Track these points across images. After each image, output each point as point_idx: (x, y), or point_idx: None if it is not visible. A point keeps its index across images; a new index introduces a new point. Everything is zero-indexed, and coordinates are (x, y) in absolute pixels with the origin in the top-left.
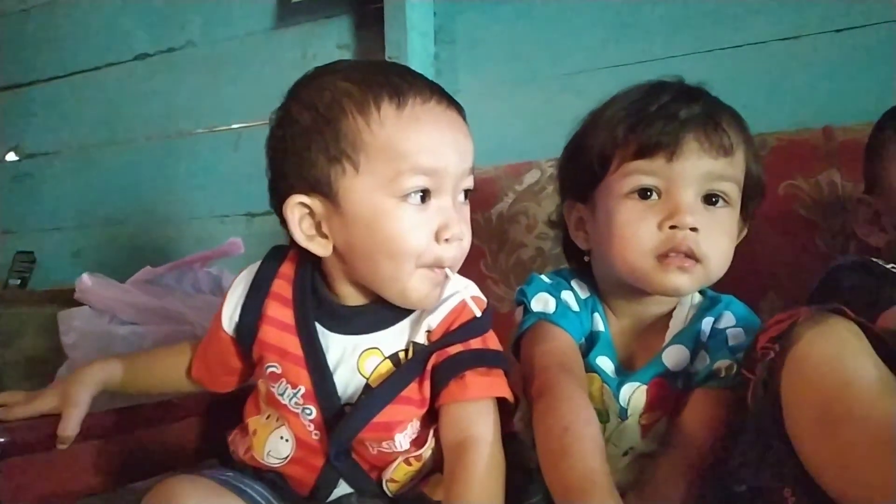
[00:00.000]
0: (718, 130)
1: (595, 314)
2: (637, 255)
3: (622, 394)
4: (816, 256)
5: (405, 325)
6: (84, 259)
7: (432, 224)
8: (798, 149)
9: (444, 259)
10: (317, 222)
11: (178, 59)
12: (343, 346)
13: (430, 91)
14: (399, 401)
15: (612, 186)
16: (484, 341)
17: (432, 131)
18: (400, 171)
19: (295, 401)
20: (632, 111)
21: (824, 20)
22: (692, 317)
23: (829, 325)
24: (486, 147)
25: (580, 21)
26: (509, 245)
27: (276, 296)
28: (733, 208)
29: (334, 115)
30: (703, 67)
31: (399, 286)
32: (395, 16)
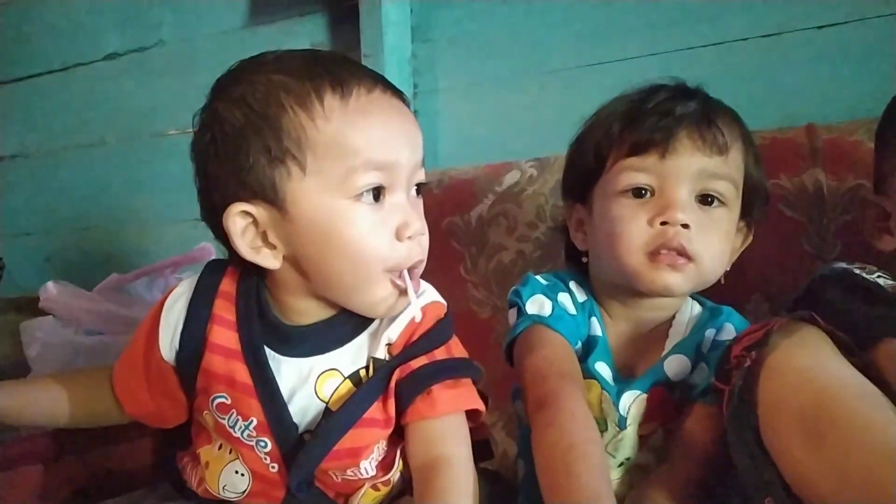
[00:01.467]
0: (712, 128)
1: (592, 318)
2: (627, 252)
3: (622, 402)
4: (801, 257)
5: (363, 340)
6: (54, 265)
7: (390, 223)
8: (781, 147)
9: (409, 258)
10: (262, 232)
11: (149, 59)
12: (298, 371)
13: (373, 80)
14: (363, 423)
15: (606, 185)
16: (448, 349)
17: (382, 123)
18: (351, 169)
19: (247, 433)
20: (627, 109)
21: (806, 16)
22: (693, 327)
23: (803, 333)
24: (465, 147)
25: (560, 18)
26: (489, 248)
27: (219, 319)
28: (730, 209)
29: (272, 111)
30: (684, 65)
31: (364, 295)
32: (371, 13)
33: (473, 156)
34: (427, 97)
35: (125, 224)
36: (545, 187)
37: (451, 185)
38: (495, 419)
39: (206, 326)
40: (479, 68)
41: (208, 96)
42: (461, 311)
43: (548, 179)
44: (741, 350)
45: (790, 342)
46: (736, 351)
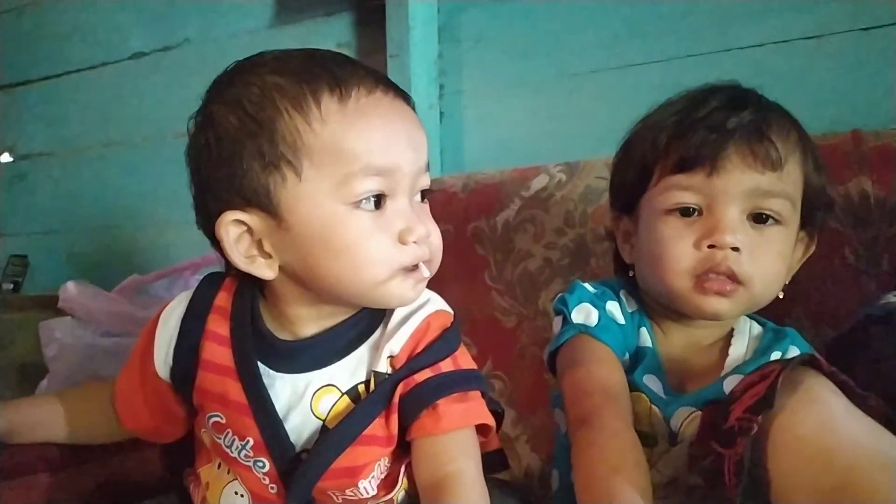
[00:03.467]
0: (764, 142)
1: (642, 329)
2: (673, 276)
3: (675, 417)
4: (846, 271)
5: (363, 352)
6: (77, 264)
7: (392, 229)
8: (826, 154)
9: (417, 258)
10: (257, 241)
11: (175, 58)
12: (292, 387)
13: (374, 80)
14: (362, 441)
15: (652, 201)
16: (455, 361)
17: (382, 126)
18: (350, 175)
19: (244, 453)
20: (676, 119)
21: (851, 17)
22: (756, 349)
23: (808, 386)
24: (492, 150)
25: (591, 19)
26: (515, 255)
27: (212, 335)
28: (786, 227)
29: (266, 114)
30: (720, 67)
31: (377, 292)
32: (397, 12)
33: (500, 159)
34: (453, 98)
35: (147, 224)
36: (574, 192)
37: (476, 188)
38: (519, 432)
39: (199, 343)
40: (506, 69)
41: (204, 98)
42: (485, 319)
43: (577, 184)
44: (743, 411)
45: (797, 401)
46: (737, 412)
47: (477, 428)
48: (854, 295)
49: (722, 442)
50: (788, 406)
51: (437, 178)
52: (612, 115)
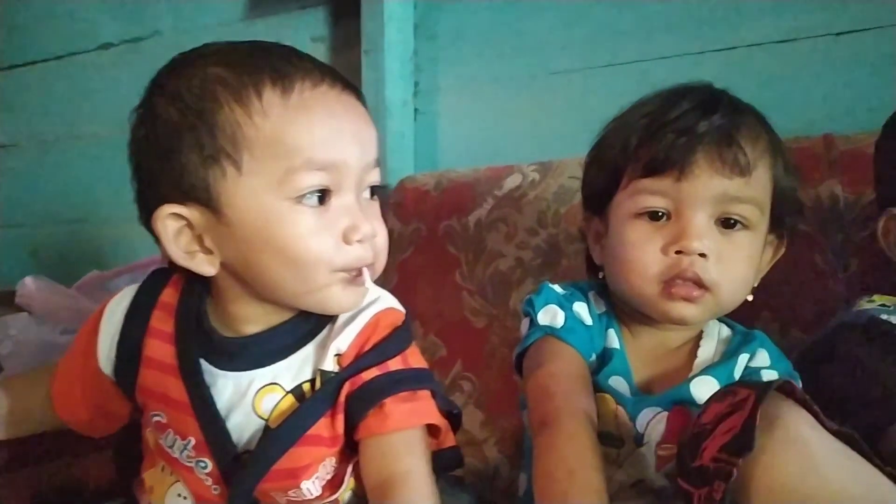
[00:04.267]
0: (733, 147)
1: (610, 330)
2: (641, 281)
3: (641, 418)
4: (815, 274)
5: (309, 351)
6: (41, 259)
7: (336, 226)
8: (797, 157)
9: (360, 260)
10: (197, 235)
11: (146, 50)
12: (235, 386)
13: (321, 73)
14: (305, 441)
15: (621, 204)
16: (404, 360)
17: (326, 120)
18: (292, 169)
19: (186, 453)
20: (647, 121)
21: (824, 23)
22: (724, 351)
23: (785, 423)
24: (466, 148)
25: (568, 18)
26: (487, 254)
27: (156, 331)
28: (754, 232)
29: (206, 106)
30: (695, 69)
31: (315, 297)
32: (372, 7)
33: (474, 157)
34: (428, 95)
35: (114, 219)
36: (547, 192)
37: (449, 187)
38: (488, 434)
39: (142, 340)
40: (483, 67)
41: (146, 90)
42: (455, 320)
43: (550, 184)
44: (717, 449)
45: (777, 441)
46: (711, 450)
47: (428, 429)
48: (823, 298)
49: (692, 480)
50: (768, 447)
51: (410, 175)
52: (589, 115)
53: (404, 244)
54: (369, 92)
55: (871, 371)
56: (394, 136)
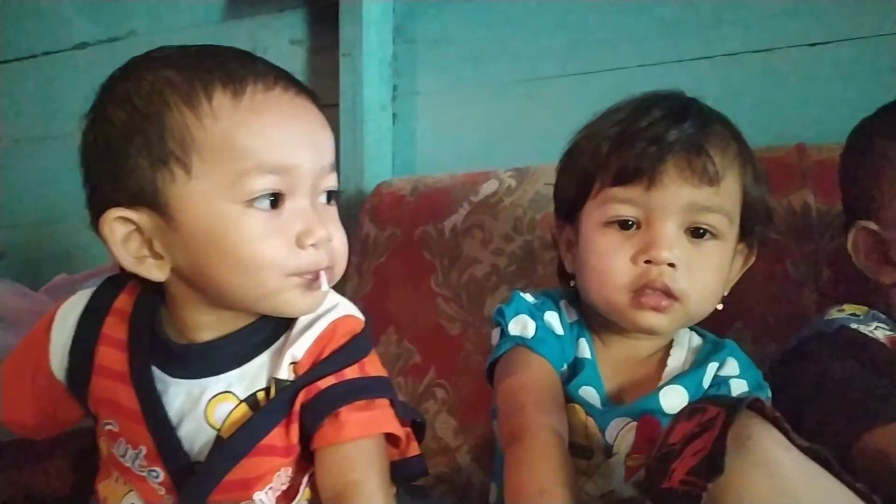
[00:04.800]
0: (702, 156)
1: (581, 339)
2: (610, 290)
3: (610, 428)
4: (786, 282)
5: (264, 359)
6: (11, 261)
7: (290, 231)
8: (769, 167)
9: (314, 264)
10: (147, 240)
11: (121, 50)
12: (187, 394)
13: (275, 77)
14: (259, 451)
15: (592, 213)
16: (362, 368)
17: (278, 123)
18: (242, 172)
19: (138, 463)
20: (617, 129)
21: (799, 33)
22: (694, 360)
23: (758, 449)
24: (444, 154)
25: (548, 25)
26: (462, 261)
27: (108, 338)
28: (723, 241)
29: (155, 109)
30: (673, 77)
31: (270, 301)
32: (351, 10)
33: (452, 163)
34: (407, 100)
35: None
36: (523, 198)
37: (425, 192)
38: (461, 442)
39: (94, 347)
40: (462, 72)
41: (97, 93)
42: (430, 326)
43: (526, 190)
44: (687, 472)
45: (748, 464)
46: (680, 472)
47: (389, 438)
48: (795, 307)
49: (661, 502)
50: (738, 470)
51: (387, 180)
52: (566, 121)
53: (380, 249)
54: (347, 96)
55: (842, 380)
56: (372, 140)
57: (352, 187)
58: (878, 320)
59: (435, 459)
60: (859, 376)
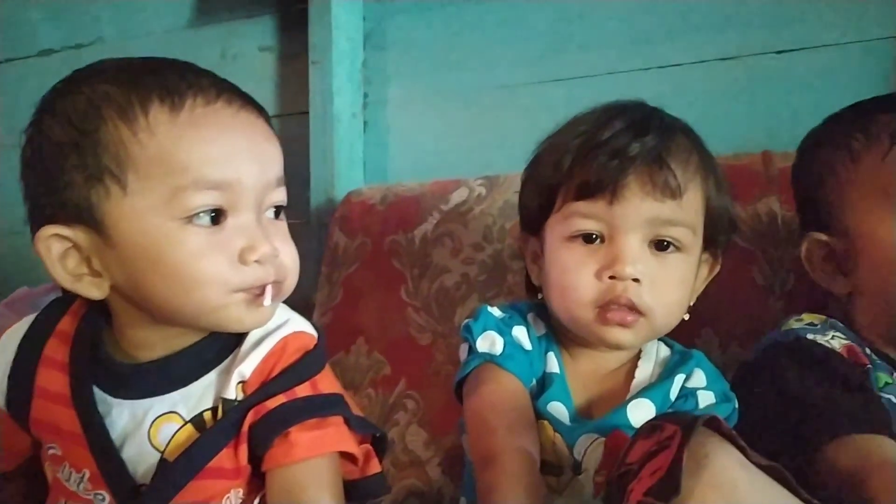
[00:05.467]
0: (664, 170)
1: (549, 354)
2: (576, 306)
3: (578, 445)
4: (753, 290)
5: (212, 378)
6: None
7: (232, 247)
8: (735, 174)
9: (259, 280)
10: (85, 258)
11: (87, 57)
12: (131, 414)
13: (217, 91)
14: (206, 474)
15: (556, 226)
16: (314, 386)
17: (218, 138)
18: (180, 188)
19: (83, 486)
20: (579, 141)
21: (766, 41)
22: (661, 372)
23: (714, 469)
24: (415, 161)
25: (517, 33)
26: (432, 270)
27: (49, 361)
28: (687, 253)
29: (91, 124)
30: (642, 85)
31: (213, 317)
32: (320, 17)
33: (423, 170)
34: (378, 107)
35: None
36: (493, 207)
37: (395, 201)
38: (431, 454)
39: (34, 369)
40: (433, 80)
41: (35, 109)
42: (400, 337)
43: (496, 199)
44: (644, 494)
45: (704, 485)
46: (637, 493)
47: (346, 456)
48: (762, 314)
49: None
50: (694, 490)
51: (357, 189)
52: (538, 129)
53: (349, 259)
54: (317, 103)
55: (799, 392)
56: (342, 148)
57: (322, 196)
58: (835, 329)
59: (405, 472)
60: (815, 388)
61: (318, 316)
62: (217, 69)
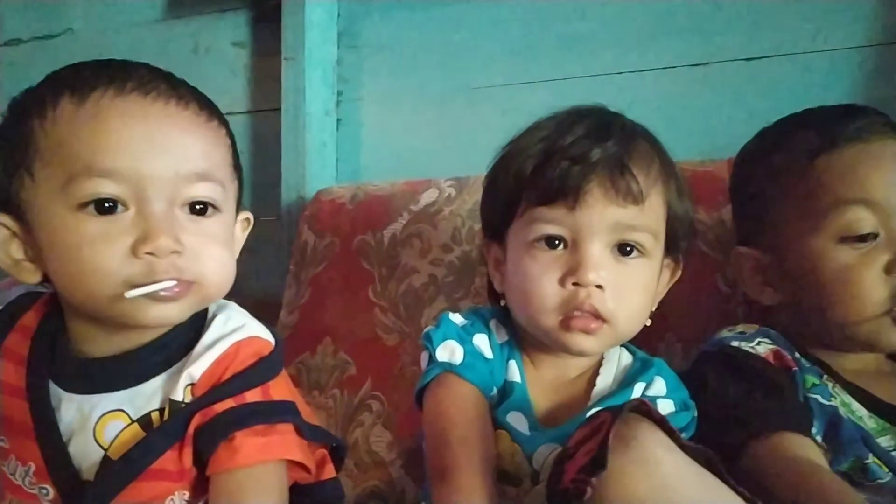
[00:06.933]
0: (626, 175)
1: (511, 361)
2: (539, 313)
3: (537, 455)
4: (717, 296)
5: (163, 379)
6: None
7: (125, 237)
8: (701, 181)
9: (151, 275)
10: (23, 244)
11: (56, 48)
12: (78, 409)
13: (138, 82)
14: (149, 476)
15: (519, 232)
16: (265, 392)
17: (119, 126)
18: (73, 176)
19: (28, 480)
20: (541, 146)
21: (735, 48)
22: (623, 379)
23: (639, 443)
24: (390, 161)
25: (491, 34)
26: (400, 270)
27: (9, 353)
28: (649, 259)
29: (13, 119)
30: (610, 89)
31: (113, 310)
32: (294, 14)
33: (396, 170)
34: (351, 106)
35: None
36: (462, 208)
37: (365, 200)
38: (395, 455)
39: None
40: (407, 79)
41: None
42: (366, 337)
43: (466, 200)
44: (577, 471)
45: (629, 461)
46: (571, 471)
47: (298, 465)
48: (725, 320)
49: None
50: (621, 467)
51: (327, 188)
52: (511, 131)
53: (318, 258)
54: (289, 100)
55: (720, 395)
56: (315, 146)
57: (293, 194)
58: (766, 336)
59: (368, 473)
60: (734, 391)
61: (286, 315)
62: (189, 63)
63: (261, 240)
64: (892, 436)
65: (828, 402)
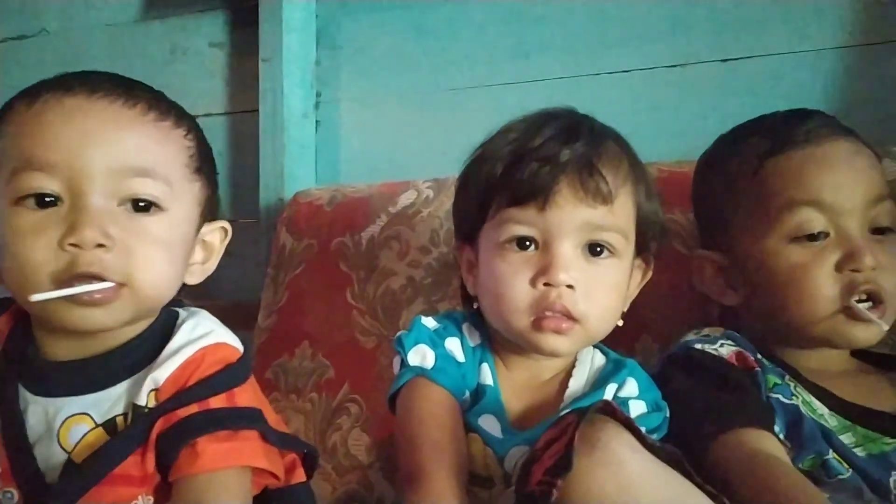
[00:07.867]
0: (595, 176)
1: (483, 365)
2: (511, 314)
3: (509, 458)
4: (691, 295)
5: (129, 383)
6: None
7: (55, 230)
8: (677, 182)
9: (73, 267)
10: None
11: (30, 49)
12: (43, 412)
13: (88, 85)
14: (112, 480)
15: (490, 234)
16: (230, 398)
17: (56, 123)
18: (14, 171)
19: None
20: (511, 148)
21: (712, 49)
22: (595, 381)
23: (604, 443)
24: (369, 162)
25: (470, 35)
26: (378, 273)
27: None
28: (620, 259)
29: None
30: (589, 91)
31: (46, 310)
32: (272, 15)
33: (375, 171)
34: (330, 107)
35: None
36: (441, 210)
37: (343, 202)
38: (373, 458)
39: None
40: (386, 80)
41: None
42: (345, 340)
43: (444, 201)
44: (543, 473)
45: (595, 462)
46: (538, 473)
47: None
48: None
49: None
50: (586, 468)
51: (305, 190)
52: (489, 131)
53: (295, 261)
54: (267, 102)
55: (687, 396)
56: (294, 147)
57: (272, 196)
58: (729, 338)
59: (346, 477)
60: (697, 391)
61: (263, 318)
62: (166, 65)
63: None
64: (852, 433)
65: (789, 400)
